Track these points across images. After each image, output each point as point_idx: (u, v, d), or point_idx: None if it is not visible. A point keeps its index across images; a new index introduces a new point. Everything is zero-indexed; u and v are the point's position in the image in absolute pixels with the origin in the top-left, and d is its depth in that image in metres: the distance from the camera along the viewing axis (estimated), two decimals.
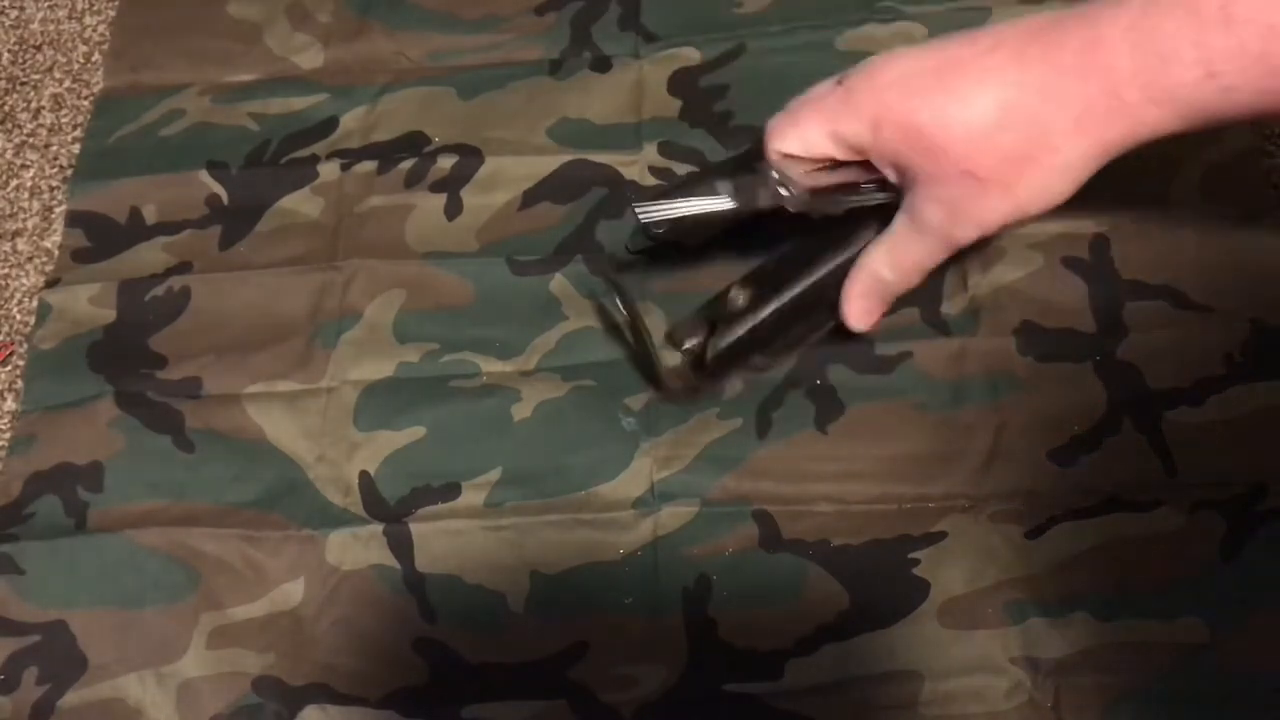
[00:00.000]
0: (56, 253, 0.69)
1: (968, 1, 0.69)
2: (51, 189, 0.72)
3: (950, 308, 0.61)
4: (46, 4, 0.79)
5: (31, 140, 0.74)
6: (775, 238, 0.59)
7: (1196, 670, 0.52)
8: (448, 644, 0.56)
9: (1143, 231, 0.62)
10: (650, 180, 0.67)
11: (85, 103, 0.74)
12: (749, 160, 0.54)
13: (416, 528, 0.58)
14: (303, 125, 0.71)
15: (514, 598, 0.56)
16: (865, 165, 0.52)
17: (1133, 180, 0.52)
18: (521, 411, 0.61)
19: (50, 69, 0.76)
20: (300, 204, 0.68)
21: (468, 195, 0.67)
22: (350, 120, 0.71)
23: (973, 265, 0.61)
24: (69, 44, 0.77)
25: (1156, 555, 0.54)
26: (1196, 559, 0.54)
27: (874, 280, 0.54)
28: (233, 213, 0.68)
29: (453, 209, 0.67)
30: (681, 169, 0.67)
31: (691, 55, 0.71)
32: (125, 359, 0.64)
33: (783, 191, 0.52)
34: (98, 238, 0.68)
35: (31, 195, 0.72)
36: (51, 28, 0.78)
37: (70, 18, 0.78)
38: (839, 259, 0.56)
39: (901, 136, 0.49)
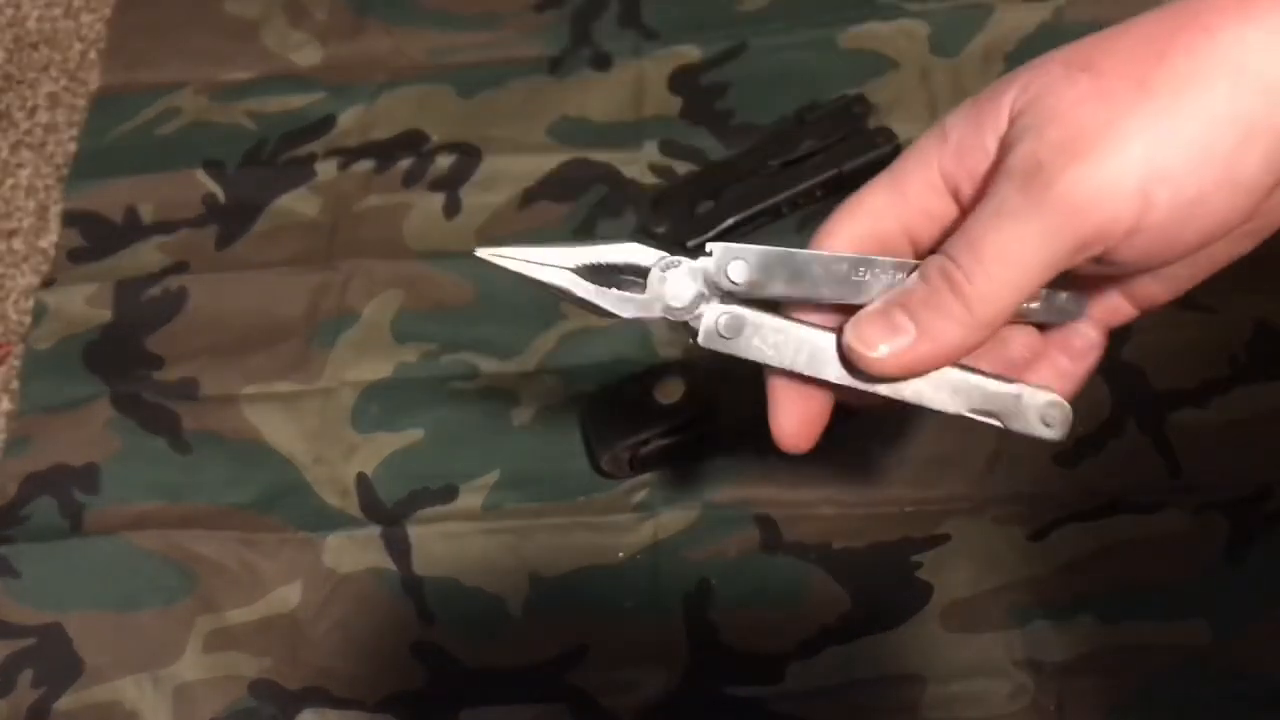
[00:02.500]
0: (53, 252, 0.68)
1: None
2: (47, 188, 0.71)
3: None
4: (43, 1, 0.78)
5: (27, 139, 0.73)
6: None
7: (1200, 673, 0.52)
8: (446, 647, 0.55)
9: None
10: (650, 178, 0.66)
11: (81, 101, 0.74)
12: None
13: (414, 530, 0.58)
14: (300, 124, 0.70)
15: (513, 601, 0.56)
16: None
17: None
18: (521, 415, 0.60)
19: (46, 67, 0.76)
20: (297, 203, 0.68)
21: (467, 194, 0.67)
22: (348, 119, 0.70)
23: None
24: (65, 42, 0.77)
25: (1160, 557, 0.54)
26: (1200, 561, 0.54)
27: (927, 289, 0.33)
28: (229, 212, 0.68)
29: (451, 208, 0.67)
30: (682, 168, 0.66)
31: (692, 53, 0.70)
32: (121, 360, 0.64)
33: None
34: (94, 237, 0.68)
35: (27, 194, 0.71)
36: (47, 25, 0.78)
37: (66, 15, 0.78)
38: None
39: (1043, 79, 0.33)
